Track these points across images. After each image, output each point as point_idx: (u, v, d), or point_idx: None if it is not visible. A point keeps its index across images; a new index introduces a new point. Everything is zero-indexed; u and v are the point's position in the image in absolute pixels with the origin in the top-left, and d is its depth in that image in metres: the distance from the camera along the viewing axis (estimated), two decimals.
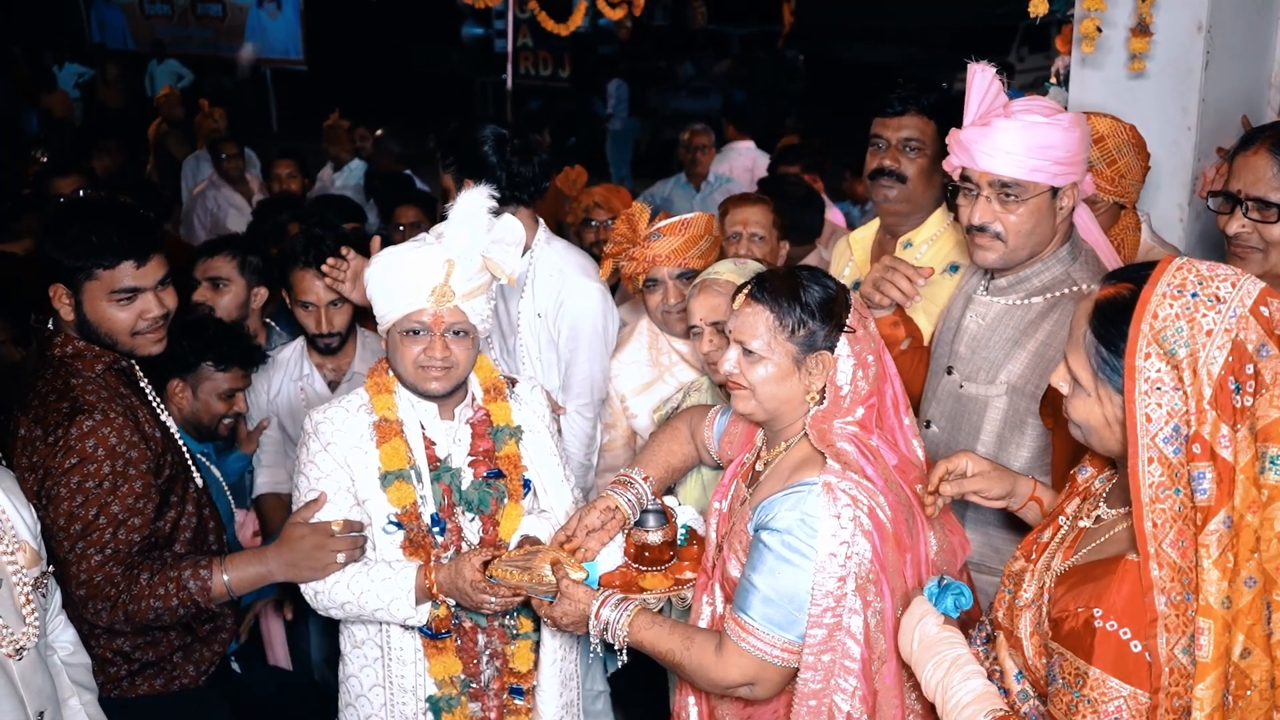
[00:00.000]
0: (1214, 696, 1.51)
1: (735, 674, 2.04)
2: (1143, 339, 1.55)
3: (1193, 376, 1.51)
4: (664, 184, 7.12)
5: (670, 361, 3.17)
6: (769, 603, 2.00)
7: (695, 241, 3.06)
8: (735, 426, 2.41)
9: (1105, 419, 1.67)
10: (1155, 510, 1.55)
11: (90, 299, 2.40)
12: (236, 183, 6.89)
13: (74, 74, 15.22)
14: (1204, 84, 3.15)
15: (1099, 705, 1.58)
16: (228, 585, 2.42)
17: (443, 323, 2.35)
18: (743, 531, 2.12)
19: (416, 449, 2.45)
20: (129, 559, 2.37)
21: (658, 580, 2.32)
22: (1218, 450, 1.50)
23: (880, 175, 2.97)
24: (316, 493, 2.41)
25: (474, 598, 2.32)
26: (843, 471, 1.99)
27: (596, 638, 2.19)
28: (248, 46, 15.81)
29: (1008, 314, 2.46)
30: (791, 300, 2.07)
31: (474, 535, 2.49)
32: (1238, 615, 1.51)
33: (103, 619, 2.38)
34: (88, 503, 2.32)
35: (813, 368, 2.07)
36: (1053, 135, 2.24)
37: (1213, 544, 1.51)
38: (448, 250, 2.33)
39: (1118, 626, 1.57)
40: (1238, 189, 2.27)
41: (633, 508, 2.39)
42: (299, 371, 3.54)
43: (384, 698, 2.50)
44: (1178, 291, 1.55)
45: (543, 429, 2.62)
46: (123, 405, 2.41)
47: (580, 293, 3.21)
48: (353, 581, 2.38)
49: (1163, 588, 1.54)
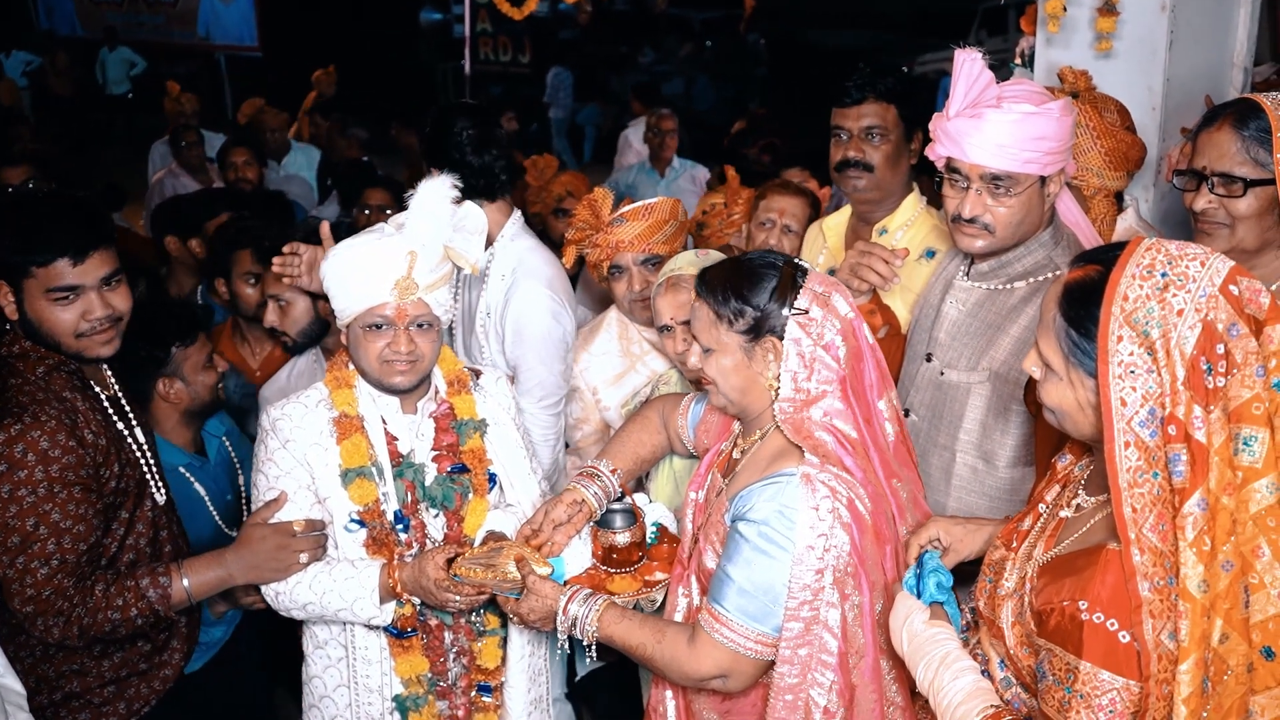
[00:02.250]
0: (1192, 680, 1.50)
1: (709, 666, 2.00)
2: (1114, 321, 1.52)
3: (1166, 358, 1.49)
4: (628, 170, 7.09)
5: (641, 351, 3.11)
6: (744, 594, 1.96)
7: (660, 226, 3.01)
8: (712, 415, 2.37)
9: (1078, 403, 1.65)
10: (1134, 495, 1.53)
11: (30, 298, 2.27)
12: (196, 171, 6.73)
13: (21, 62, 14.89)
14: (1169, 63, 3.14)
15: (1092, 700, 1.56)
16: (187, 590, 2.34)
17: (406, 316, 2.29)
18: (719, 522, 2.08)
19: (378, 445, 2.39)
20: (78, 569, 2.24)
21: (626, 583, 2.28)
22: (1191, 432, 1.48)
23: (847, 166, 2.94)
24: (276, 491, 2.34)
25: (439, 596, 2.27)
26: (821, 463, 1.96)
27: (564, 634, 2.16)
28: None
29: (989, 299, 2.43)
30: (725, 290, 2.03)
31: (438, 532, 2.44)
32: (1216, 599, 1.49)
33: (54, 635, 2.25)
34: (23, 512, 2.18)
35: (760, 356, 2.03)
36: (1045, 126, 2.23)
37: (1188, 526, 1.49)
38: (409, 242, 2.27)
39: (1105, 618, 1.55)
40: (1203, 165, 2.26)
41: (599, 500, 2.35)
42: (316, 378, 3.45)
43: (349, 698, 2.44)
44: (1147, 272, 1.53)
45: (508, 421, 2.57)
46: (60, 409, 2.26)
47: (524, 295, 3.08)
48: (315, 582, 2.32)
49: (1145, 573, 1.52)
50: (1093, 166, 2.79)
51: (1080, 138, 2.76)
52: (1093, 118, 2.79)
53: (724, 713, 2.17)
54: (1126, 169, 2.81)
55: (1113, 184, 2.80)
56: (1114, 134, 2.78)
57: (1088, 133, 2.78)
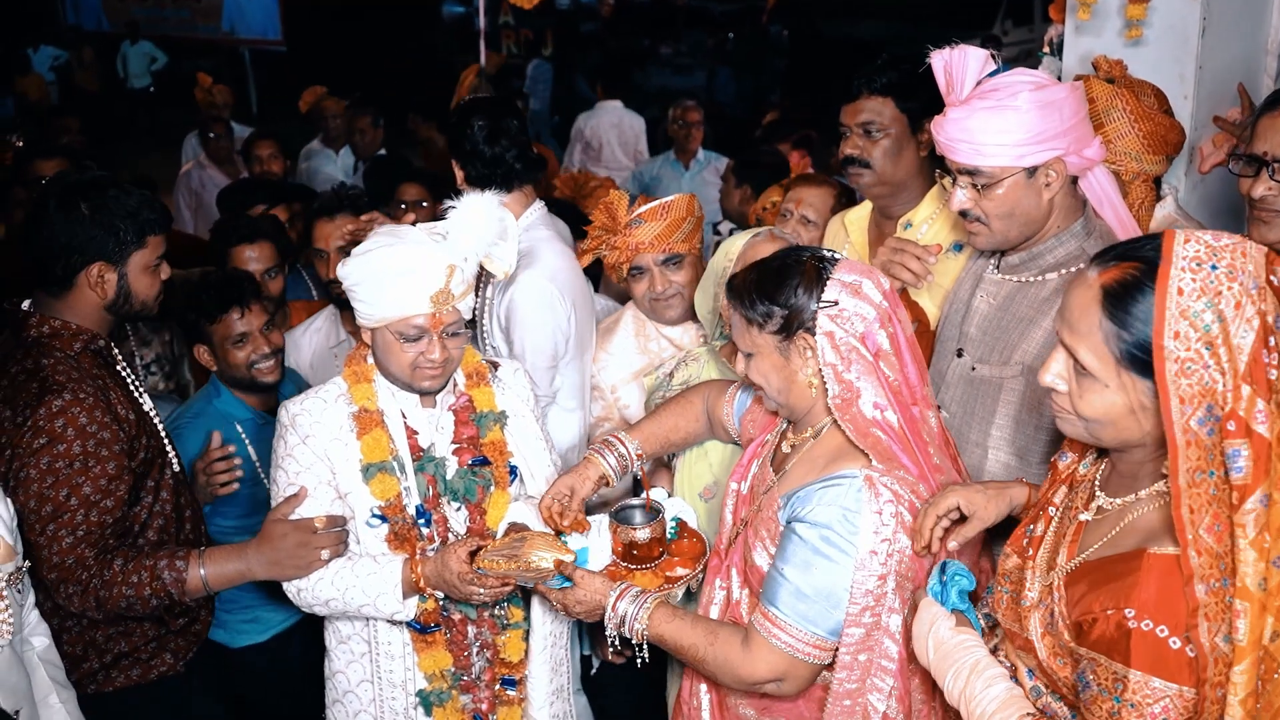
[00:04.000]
0: (1249, 681, 1.45)
1: (764, 670, 1.97)
2: (1169, 318, 1.48)
3: (1228, 352, 1.45)
4: (652, 162, 7.06)
5: (659, 349, 3.08)
6: (801, 597, 1.93)
7: (678, 225, 2.96)
8: (759, 406, 2.34)
9: (1130, 407, 1.58)
10: (1191, 495, 1.48)
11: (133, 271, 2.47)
12: (223, 164, 6.73)
13: (49, 57, 15.01)
14: (1201, 51, 3.08)
15: (1144, 709, 1.52)
16: (204, 580, 2.36)
17: (440, 325, 2.27)
18: (771, 519, 2.05)
19: (398, 439, 2.38)
20: (101, 541, 2.33)
21: (647, 579, 2.26)
22: (1253, 426, 1.44)
23: (849, 164, 2.90)
24: (296, 487, 2.33)
25: (462, 590, 2.26)
26: (886, 467, 1.92)
27: (614, 631, 2.13)
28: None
29: (1020, 292, 2.39)
30: (751, 293, 2.02)
31: (460, 525, 2.43)
32: (1269, 597, 1.45)
33: (74, 604, 2.33)
34: (58, 484, 2.28)
35: (796, 354, 2.00)
36: (1003, 119, 2.17)
37: (1249, 523, 1.44)
38: (451, 256, 2.23)
39: (1153, 625, 1.51)
40: (1263, 151, 2.20)
41: (615, 473, 2.39)
42: (334, 338, 3.49)
43: (373, 693, 2.44)
44: (1196, 265, 1.48)
45: (527, 413, 2.55)
46: (94, 385, 2.37)
47: (522, 284, 3.10)
48: (337, 578, 2.31)
49: (1202, 575, 1.48)
50: (1130, 151, 2.73)
51: (1117, 122, 2.70)
52: (1130, 101, 2.73)
53: (762, 709, 2.14)
54: (1165, 152, 2.74)
55: (1151, 168, 2.73)
56: (1151, 117, 2.72)
57: (1125, 117, 2.72)
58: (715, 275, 2.71)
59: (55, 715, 2.27)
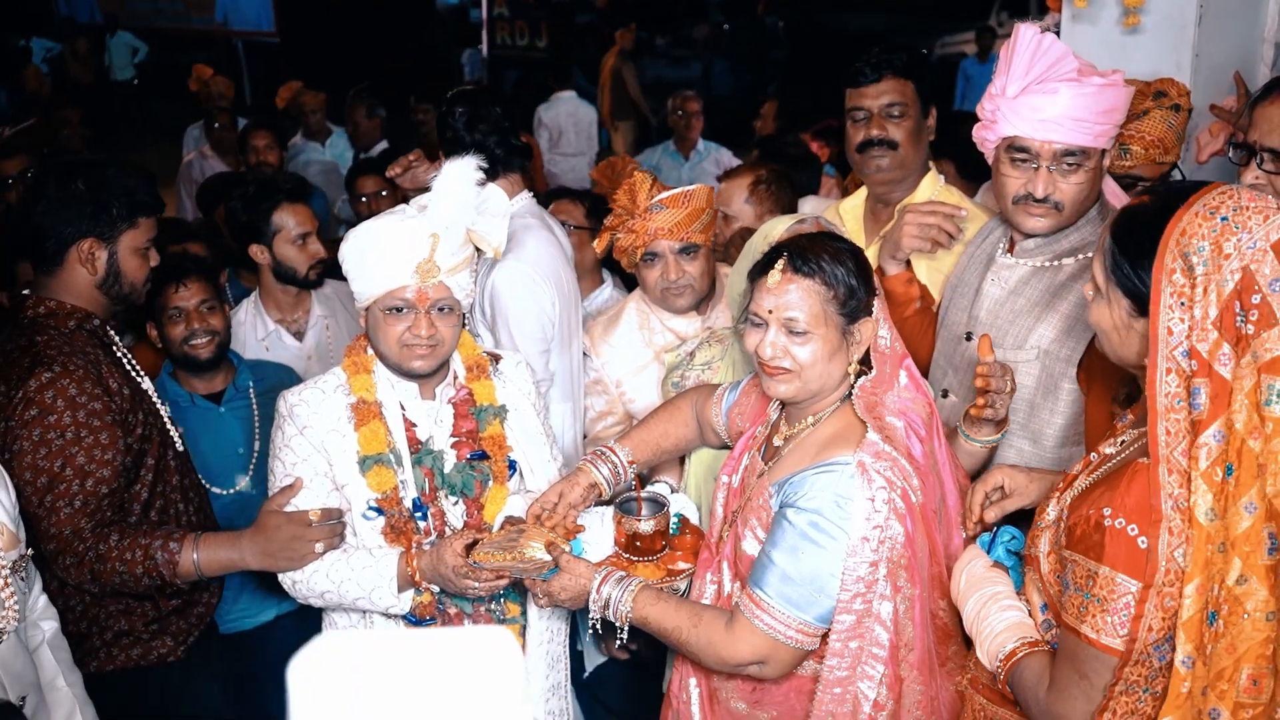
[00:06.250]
0: (1194, 604, 1.54)
1: (746, 651, 1.97)
2: (1169, 254, 1.57)
3: (1203, 294, 1.54)
4: (651, 151, 7.06)
5: (664, 341, 3.05)
6: (788, 581, 1.93)
7: (698, 215, 2.94)
8: (746, 399, 2.33)
9: (1114, 322, 1.71)
10: (1169, 419, 1.58)
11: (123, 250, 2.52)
12: (227, 153, 6.70)
13: (42, 49, 14.94)
14: (1197, 39, 3.08)
15: (1108, 603, 1.60)
16: (197, 564, 2.36)
17: (427, 299, 2.26)
18: (761, 507, 2.04)
19: (396, 431, 2.37)
20: (99, 513, 2.35)
21: (649, 571, 2.25)
22: (1215, 366, 1.53)
23: (870, 146, 2.90)
24: (293, 478, 2.32)
25: (457, 583, 2.24)
26: (879, 450, 1.91)
27: (597, 614, 2.13)
28: None
29: (1034, 277, 2.38)
30: (835, 267, 1.98)
31: (458, 520, 2.41)
32: (1236, 540, 1.52)
33: (71, 575, 2.36)
34: (51, 455, 2.31)
35: (858, 337, 2.01)
36: (1116, 97, 2.22)
37: (1202, 456, 1.54)
38: (432, 224, 2.23)
39: (1126, 523, 1.59)
40: (1255, 139, 2.21)
41: (609, 484, 2.36)
42: (261, 330, 3.45)
43: None
44: (1210, 213, 1.57)
45: (528, 407, 2.54)
46: (85, 360, 2.40)
47: (502, 271, 3.10)
48: (332, 570, 2.30)
49: (1170, 492, 1.57)
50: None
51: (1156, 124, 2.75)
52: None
53: (754, 702, 2.13)
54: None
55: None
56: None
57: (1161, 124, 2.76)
58: (753, 257, 2.69)
59: (62, 699, 2.27)
